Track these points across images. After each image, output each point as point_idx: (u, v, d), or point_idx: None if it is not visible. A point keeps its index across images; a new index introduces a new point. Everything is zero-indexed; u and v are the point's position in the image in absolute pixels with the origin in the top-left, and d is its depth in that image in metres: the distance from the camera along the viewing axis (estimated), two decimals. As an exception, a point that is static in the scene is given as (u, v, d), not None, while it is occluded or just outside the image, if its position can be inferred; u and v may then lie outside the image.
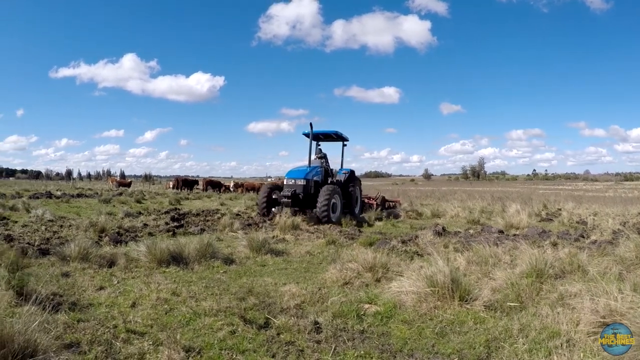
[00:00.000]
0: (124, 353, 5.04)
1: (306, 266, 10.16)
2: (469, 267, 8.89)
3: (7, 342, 4.13)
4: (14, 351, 4.14)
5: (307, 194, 21.09)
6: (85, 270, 8.84)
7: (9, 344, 4.13)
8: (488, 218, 21.75)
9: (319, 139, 25.45)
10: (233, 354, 5.11)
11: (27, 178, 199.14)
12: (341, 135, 24.95)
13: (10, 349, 4.11)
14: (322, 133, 24.46)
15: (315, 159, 23.99)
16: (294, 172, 22.15)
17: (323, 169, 23.09)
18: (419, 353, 5.26)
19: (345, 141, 26.14)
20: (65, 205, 26.71)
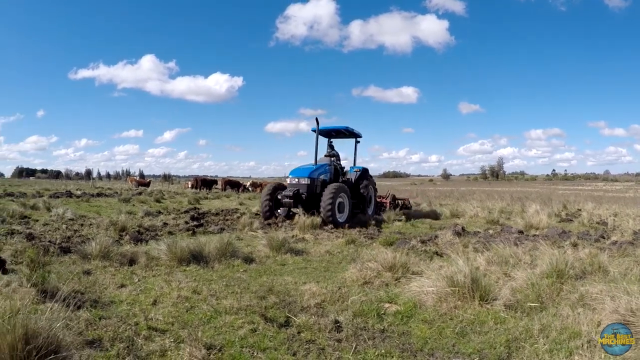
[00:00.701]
0: (146, 350, 5.07)
1: (326, 265, 10.16)
2: (489, 267, 8.84)
3: (32, 338, 4.17)
4: (38, 347, 4.16)
5: (311, 194, 20.06)
6: (106, 268, 8.92)
7: (34, 340, 4.17)
8: (507, 218, 21.63)
9: (330, 136, 24.30)
10: (254, 352, 5.12)
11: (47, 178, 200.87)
12: (353, 131, 23.65)
13: (35, 345, 4.14)
14: (332, 129, 23.68)
15: (325, 156, 23.06)
16: (298, 170, 21.17)
17: (332, 167, 22.13)
18: (439, 352, 5.24)
19: (358, 137, 24.70)
20: (86, 204, 26.88)
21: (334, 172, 22.09)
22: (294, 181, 20.60)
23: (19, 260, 9.22)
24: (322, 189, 19.93)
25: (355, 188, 22.26)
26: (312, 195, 20.00)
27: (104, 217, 18.10)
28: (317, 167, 21.04)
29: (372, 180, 24.09)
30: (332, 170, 21.98)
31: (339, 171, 22.75)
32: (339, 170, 22.79)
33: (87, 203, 27.76)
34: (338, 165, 22.96)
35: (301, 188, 20.09)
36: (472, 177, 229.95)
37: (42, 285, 6.64)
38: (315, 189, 20.23)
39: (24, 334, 4.18)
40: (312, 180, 20.28)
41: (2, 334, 4.14)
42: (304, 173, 20.56)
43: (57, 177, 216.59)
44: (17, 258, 9.42)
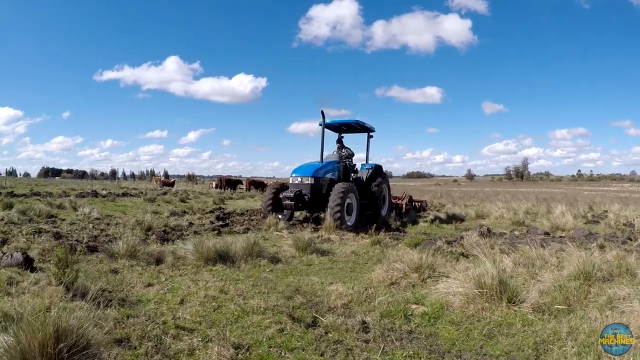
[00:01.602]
0: (174, 349, 5.09)
1: (352, 266, 10.15)
2: (516, 268, 8.79)
3: (62, 336, 4.20)
4: (69, 345, 4.19)
5: (316, 195, 18.41)
6: (133, 267, 9.00)
7: (64, 338, 4.20)
8: (533, 219, 21.32)
9: (340, 130, 22.62)
10: (282, 351, 5.13)
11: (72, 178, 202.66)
12: (364, 124, 21.77)
13: (66, 343, 4.18)
14: (342, 123, 21.70)
15: (333, 153, 21.42)
16: (302, 168, 19.42)
17: (341, 164, 20.54)
18: (467, 354, 5.22)
19: (370, 132, 22.94)
20: (111, 204, 27.06)
21: (343, 170, 20.63)
22: (297, 180, 18.95)
23: (47, 258, 9.40)
24: (329, 189, 18.25)
25: (367, 187, 20.73)
26: (317, 196, 18.51)
27: (129, 217, 18.29)
28: (324, 164, 19.49)
29: (386, 178, 22.92)
30: (341, 168, 20.52)
31: (348, 169, 21.29)
32: (348, 167, 21.33)
33: (112, 203, 27.96)
34: (348, 162, 21.53)
35: (304, 188, 18.48)
36: (496, 177, 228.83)
37: (71, 284, 6.67)
38: (320, 189, 18.71)
39: (54, 332, 4.20)
40: (317, 180, 18.67)
41: (33, 332, 4.16)
42: (307, 171, 18.92)
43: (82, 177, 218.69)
44: (44, 256, 9.58)
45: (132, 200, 30.69)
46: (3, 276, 7.60)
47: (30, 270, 8.37)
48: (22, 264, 8.45)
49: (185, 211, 22.40)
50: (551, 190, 69.55)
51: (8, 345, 4.21)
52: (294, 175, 19.22)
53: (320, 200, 18.36)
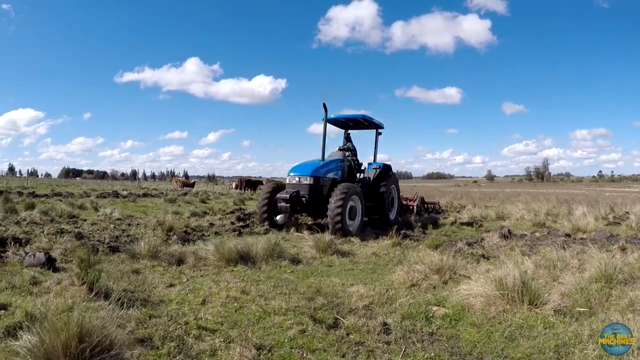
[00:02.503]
0: (196, 349, 5.13)
1: (372, 267, 10.16)
2: (537, 270, 8.73)
3: (86, 336, 4.25)
4: (92, 345, 4.23)
5: (315, 196, 16.55)
6: (155, 268, 9.06)
7: (88, 338, 4.25)
8: (554, 221, 21.16)
9: (347, 127, 21.17)
10: (303, 352, 5.15)
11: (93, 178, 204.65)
12: (372, 120, 20.09)
13: (90, 342, 4.22)
14: (348, 118, 20.04)
15: (337, 151, 19.69)
16: (300, 166, 17.51)
17: (345, 163, 18.77)
18: (488, 357, 5.22)
19: (378, 128, 21.19)
20: (132, 204, 27.24)
21: (347, 170, 18.88)
22: (294, 180, 17.03)
23: (69, 258, 9.48)
24: (330, 190, 16.33)
25: (374, 188, 19.06)
26: (317, 197, 16.62)
27: (150, 217, 18.36)
28: (325, 163, 17.59)
29: (395, 178, 21.03)
30: (345, 167, 18.76)
31: (353, 168, 19.59)
32: (353, 167, 19.59)
33: (133, 203, 28.13)
34: (353, 161, 19.76)
35: (302, 189, 16.62)
36: (516, 178, 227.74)
37: (93, 284, 6.72)
38: (321, 190, 16.80)
39: (78, 332, 4.24)
40: (317, 180, 16.75)
41: (57, 332, 4.20)
42: (306, 170, 17.01)
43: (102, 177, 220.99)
44: (66, 257, 9.68)
45: (153, 201, 30.87)
46: (26, 276, 7.70)
47: (52, 270, 8.51)
48: (44, 264, 8.57)
49: (206, 212, 22.44)
50: (572, 191, 69.06)
51: (32, 344, 4.26)
52: (291, 175, 17.35)
53: (320, 202, 16.52)
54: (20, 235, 11.49)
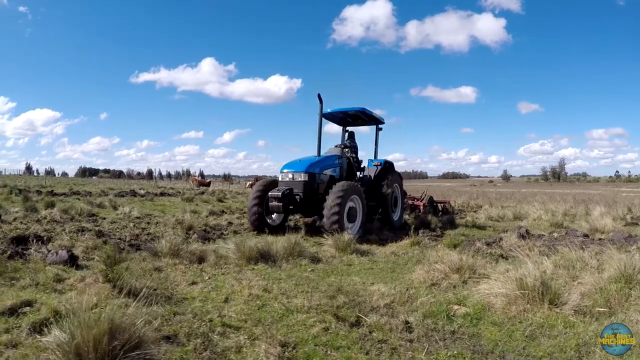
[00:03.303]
0: (221, 346, 5.19)
1: (392, 266, 10.20)
2: (556, 270, 8.73)
3: (117, 332, 4.31)
4: (122, 342, 4.29)
5: (310, 195, 15.25)
6: (176, 266, 9.17)
7: (118, 335, 4.31)
8: (571, 221, 21.16)
9: (345, 123, 20.27)
10: (327, 349, 5.21)
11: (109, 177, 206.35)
12: (372, 114, 18.64)
13: (120, 340, 4.28)
14: (345, 112, 18.63)
15: (336, 147, 18.45)
16: (294, 163, 16.11)
17: (344, 159, 17.51)
18: (510, 355, 5.24)
19: (379, 123, 19.90)
20: (150, 203, 27.53)
21: (346, 167, 17.69)
22: (287, 177, 15.69)
23: (90, 256, 9.67)
24: (328, 188, 15.12)
25: (375, 187, 17.94)
26: (312, 196, 15.30)
27: (169, 216, 18.56)
28: (322, 159, 16.36)
29: (398, 176, 19.89)
30: (344, 164, 17.50)
31: (353, 165, 18.35)
32: (353, 164, 18.37)
33: (151, 202, 28.40)
34: (353, 158, 18.58)
35: (296, 187, 15.24)
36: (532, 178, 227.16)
37: (117, 282, 6.85)
38: (316, 188, 15.48)
39: (109, 328, 4.28)
40: (312, 176, 15.44)
41: (88, 328, 4.24)
42: (300, 166, 15.64)
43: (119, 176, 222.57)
44: (88, 254, 9.84)
45: (170, 200, 31.15)
46: (49, 273, 7.85)
47: (75, 267, 8.64)
48: (67, 262, 8.70)
49: (224, 211, 22.58)
50: (588, 191, 68.71)
51: (62, 340, 4.30)
52: (284, 171, 15.93)
53: (315, 201, 15.13)
54: (41, 233, 11.61)
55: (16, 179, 72.34)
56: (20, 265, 8.42)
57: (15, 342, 4.98)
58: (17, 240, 10.40)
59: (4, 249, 9.18)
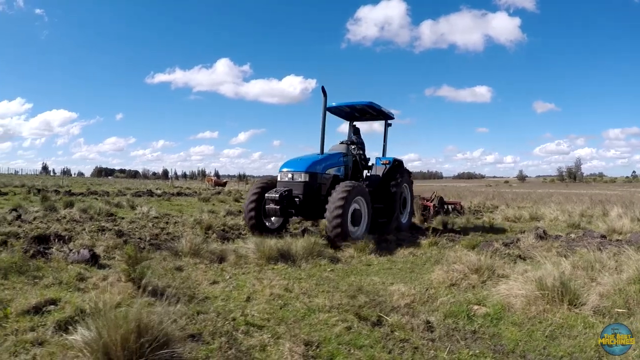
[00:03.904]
0: (246, 344, 5.24)
1: (410, 267, 10.24)
2: (574, 271, 8.72)
3: (145, 331, 4.36)
4: (150, 340, 4.34)
5: (311, 196, 13.97)
6: (197, 265, 9.24)
7: (145, 333, 4.36)
8: (588, 222, 21.02)
9: (352, 118, 18.75)
10: (350, 348, 5.26)
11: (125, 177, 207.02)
12: (380, 108, 17.25)
13: (147, 338, 4.33)
14: (352, 106, 17.18)
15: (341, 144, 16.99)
16: (294, 162, 14.74)
17: (350, 158, 16.27)
18: (531, 355, 5.29)
19: (388, 119, 18.61)
20: (167, 203, 27.65)
21: (352, 166, 16.41)
22: (287, 177, 14.33)
23: (111, 255, 9.76)
24: (331, 188, 13.73)
25: (383, 188, 16.56)
26: (314, 197, 14.02)
27: (187, 216, 18.64)
28: (325, 157, 15.00)
29: (408, 176, 18.44)
30: (350, 163, 16.24)
31: (359, 164, 17.11)
32: (359, 162, 17.13)
33: (168, 202, 28.51)
34: (359, 155, 17.29)
35: (295, 187, 13.98)
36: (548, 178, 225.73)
37: (140, 280, 6.91)
38: (318, 189, 14.19)
39: (136, 327, 4.34)
40: (314, 176, 14.16)
41: (116, 327, 4.29)
42: (300, 165, 14.31)
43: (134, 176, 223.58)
44: (109, 253, 9.90)
45: (187, 200, 31.27)
46: (72, 272, 7.94)
47: (97, 266, 8.70)
48: (88, 261, 8.79)
49: (241, 211, 22.55)
50: (605, 192, 68.27)
51: (89, 339, 4.35)
52: (283, 170, 14.53)
53: (317, 203, 13.92)
54: (62, 232, 11.69)
55: (33, 179, 72.68)
56: (42, 264, 8.51)
57: (41, 340, 5.04)
58: (39, 239, 10.47)
59: (26, 248, 9.25)
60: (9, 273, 7.56)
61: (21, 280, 7.39)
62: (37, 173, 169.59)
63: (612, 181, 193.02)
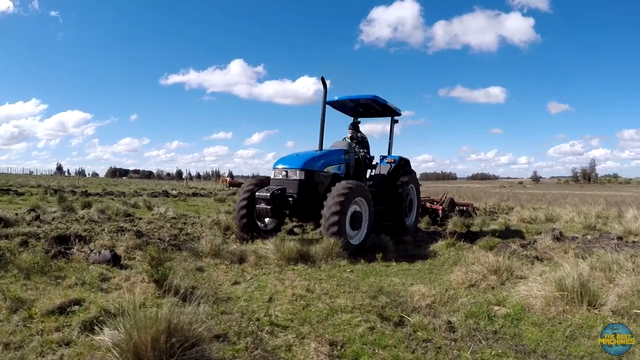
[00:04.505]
0: (271, 344, 5.30)
1: (429, 267, 10.28)
2: (592, 272, 8.75)
3: (175, 331, 4.42)
4: (180, 341, 4.39)
5: (307, 196, 12.74)
6: (217, 266, 9.35)
7: (176, 333, 4.41)
8: (604, 224, 20.74)
9: (356, 113, 17.53)
10: (375, 348, 5.31)
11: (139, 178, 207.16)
12: (386, 103, 15.91)
13: (177, 338, 4.38)
14: (355, 100, 15.79)
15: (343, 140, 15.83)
16: (289, 158, 13.60)
17: (352, 155, 14.96)
18: (552, 355, 5.33)
19: (395, 114, 17.26)
20: (183, 203, 27.84)
21: (354, 164, 15.09)
22: (281, 174, 13.17)
23: (131, 256, 9.86)
24: (330, 187, 12.47)
25: (388, 187, 15.45)
26: (310, 197, 12.76)
27: (204, 216, 18.85)
28: (324, 153, 13.84)
29: (414, 176, 17.11)
30: (352, 161, 14.91)
31: (362, 162, 15.85)
32: (362, 160, 15.87)
33: (184, 202, 28.70)
34: (362, 153, 16.01)
35: (290, 186, 12.79)
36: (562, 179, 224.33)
37: (162, 281, 6.96)
38: (315, 188, 12.92)
39: (167, 327, 4.39)
40: (310, 174, 12.94)
41: (146, 327, 4.34)
42: (296, 162, 13.09)
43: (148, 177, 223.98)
44: (129, 254, 10.00)
45: (203, 200, 31.49)
46: (94, 272, 8.05)
47: (118, 267, 8.79)
48: (110, 261, 8.89)
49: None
50: (620, 193, 67.75)
51: (118, 339, 4.38)
52: (278, 167, 13.39)
53: (314, 204, 12.63)
54: (82, 233, 11.77)
55: (49, 179, 73.03)
56: (64, 264, 8.63)
57: (67, 340, 5.11)
58: (59, 239, 10.59)
59: (47, 249, 9.36)
60: (31, 273, 7.66)
61: (44, 280, 7.49)
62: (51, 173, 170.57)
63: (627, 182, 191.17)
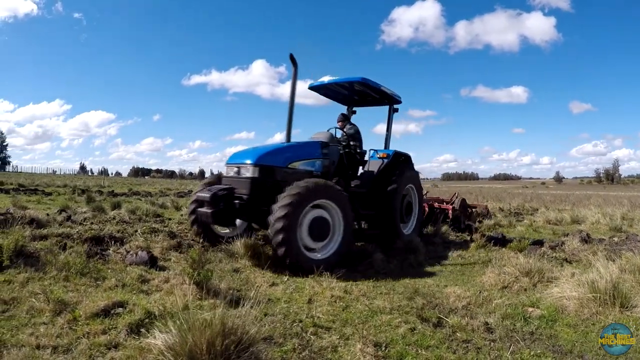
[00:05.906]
0: (317, 345, 5.42)
1: (460, 269, 10.38)
2: (622, 275, 8.83)
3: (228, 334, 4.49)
4: (235, 342, 4.47)
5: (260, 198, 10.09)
6: (254, 267, 9.45)
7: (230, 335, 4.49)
8: (630, 225, 20.90)
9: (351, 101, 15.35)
10: (417, 349, 5.44)
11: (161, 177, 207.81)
12: (379, 88, 13.45)
13: (233, 340, 4.45)
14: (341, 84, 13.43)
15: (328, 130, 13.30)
16: (242, 153, 11.21)
17: (334, 149, 12.36)
18: (588, 355, 5.46)
19: (393, 102, 14.66)
20: (210, 203, 27.74)
21: (337, 159, 12.40)
22: (232, 172, 10.89)
23: (167, 257, 9.99)
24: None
25: (378, 188, 12.75)
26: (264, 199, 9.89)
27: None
28: (289, 146, 11.25)
29: (414, 173, 14.26)
30: (333, 155, 12.19)
31: (353, 157, 13.33)
32: (353, 156, 13.33)
33: (211, 202, 28.66)
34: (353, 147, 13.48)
35: (240, 185, 10.37)
36: (585, 180, 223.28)
37: (204, 283, 7.09)
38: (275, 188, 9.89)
39: (221, 329, 4.46)
40: (266, 171, 10.40)
41: (202, 329, 4.42)
42: (249, 156, 10.56)
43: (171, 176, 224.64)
44: (164, 255, 10.12)
45: (229, 201, 31.39)
46: (133, 274, 8.12)
47: (156, 268, 8.90)
48: (147, 263, 8.97)
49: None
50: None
51: (172, 342, 4.43)
52: (230, 164, 11.13)
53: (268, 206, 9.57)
54: (115, 234, 11.84)
55: (73, 179, 73.49)
56: (101, 265, 8.72)
57: (115, 343, 5.20)
58: (94, 240, 10.64)
59: (85, 250, 9.43)
60: (70, 275, 7.74)
61: (83, 282, 7.58)
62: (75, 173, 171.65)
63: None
